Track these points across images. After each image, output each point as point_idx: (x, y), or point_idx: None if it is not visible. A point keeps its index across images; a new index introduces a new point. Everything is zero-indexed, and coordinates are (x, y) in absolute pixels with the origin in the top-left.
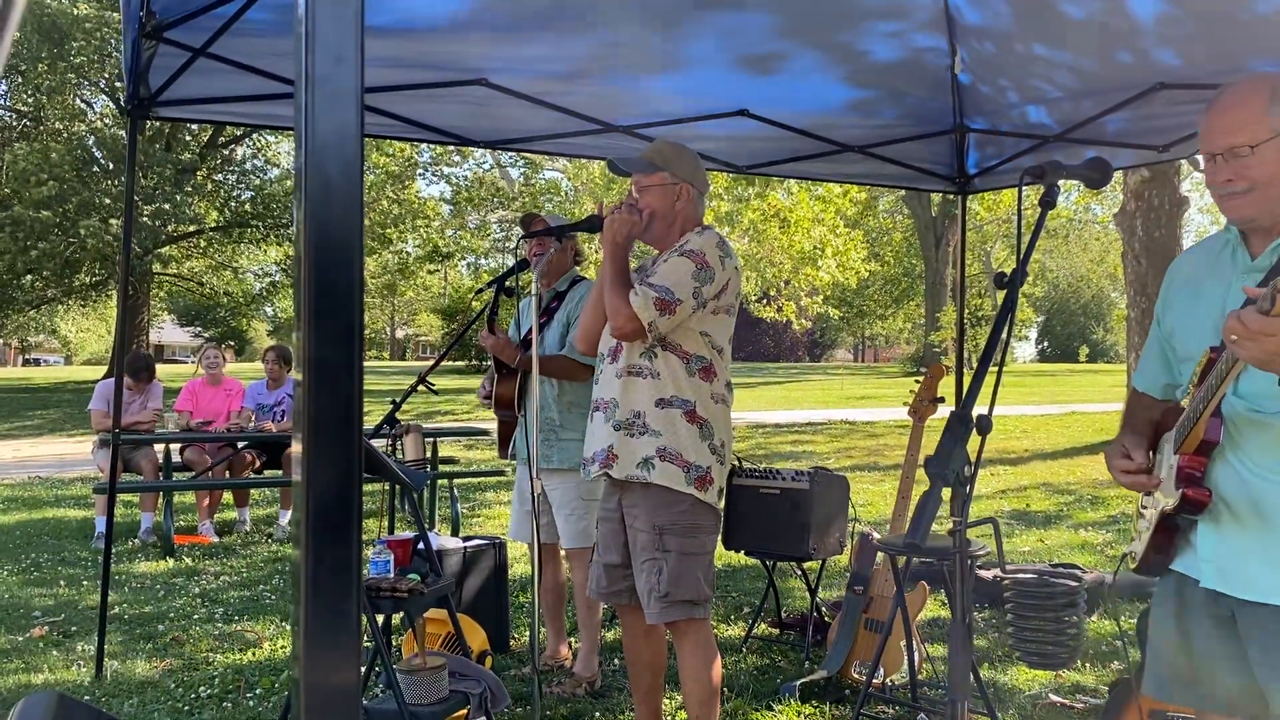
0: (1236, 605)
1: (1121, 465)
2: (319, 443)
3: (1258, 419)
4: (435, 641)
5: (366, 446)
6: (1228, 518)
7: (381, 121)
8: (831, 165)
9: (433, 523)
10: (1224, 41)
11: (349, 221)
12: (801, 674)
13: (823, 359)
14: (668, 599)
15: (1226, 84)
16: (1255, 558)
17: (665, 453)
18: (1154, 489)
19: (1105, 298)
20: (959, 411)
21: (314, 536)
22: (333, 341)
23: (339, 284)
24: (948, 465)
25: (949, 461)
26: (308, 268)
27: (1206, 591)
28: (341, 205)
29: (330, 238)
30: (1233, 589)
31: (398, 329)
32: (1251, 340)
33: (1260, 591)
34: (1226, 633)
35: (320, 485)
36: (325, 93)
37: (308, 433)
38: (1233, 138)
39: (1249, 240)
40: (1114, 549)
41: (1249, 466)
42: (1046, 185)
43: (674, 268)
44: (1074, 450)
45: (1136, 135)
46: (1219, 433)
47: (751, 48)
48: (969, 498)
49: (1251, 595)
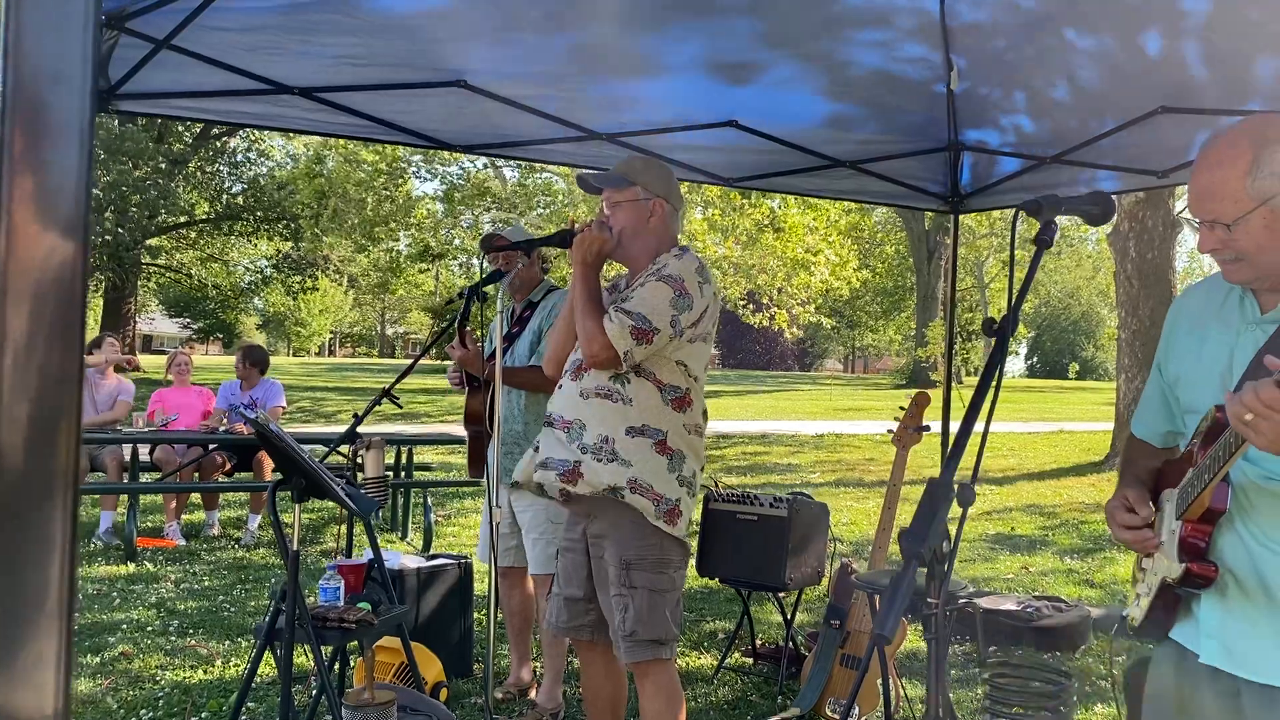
0: (1243, 684)
1: (1125, 520)
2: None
3: (1271, 487)
4: (387, 672)
5: (313, 470)
6: (1234, 591)
7: (355, 123)
8: (822, 180)
9: (405, 532)
10: (1227, 67)
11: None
12: (774, 710)
13: (812, 368)
14: (634, 638)
15: (1212, 136)
16: (1261, 636)
17: (636, 484)
18: (1154, 550)
19: (1096, 314)
20: (939, 479)
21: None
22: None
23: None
24: (924, 541)
25: (925, 537)
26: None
27: (1209, 666)
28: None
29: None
30: (1238, 669)
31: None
32: (1266, 419)
33: (1265, 673)
34: (1230, 709)
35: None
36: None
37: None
38: (1213, 209)
39: (1257, 291)
40: (1097, 574)
41: (1257, 538)
42: (1043, 221)
43: (652, 294)
44: (1061, 471)
45: (1135, 159)
46: (1226, 501)
47: (737, 56)
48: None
49: (1258, 677)
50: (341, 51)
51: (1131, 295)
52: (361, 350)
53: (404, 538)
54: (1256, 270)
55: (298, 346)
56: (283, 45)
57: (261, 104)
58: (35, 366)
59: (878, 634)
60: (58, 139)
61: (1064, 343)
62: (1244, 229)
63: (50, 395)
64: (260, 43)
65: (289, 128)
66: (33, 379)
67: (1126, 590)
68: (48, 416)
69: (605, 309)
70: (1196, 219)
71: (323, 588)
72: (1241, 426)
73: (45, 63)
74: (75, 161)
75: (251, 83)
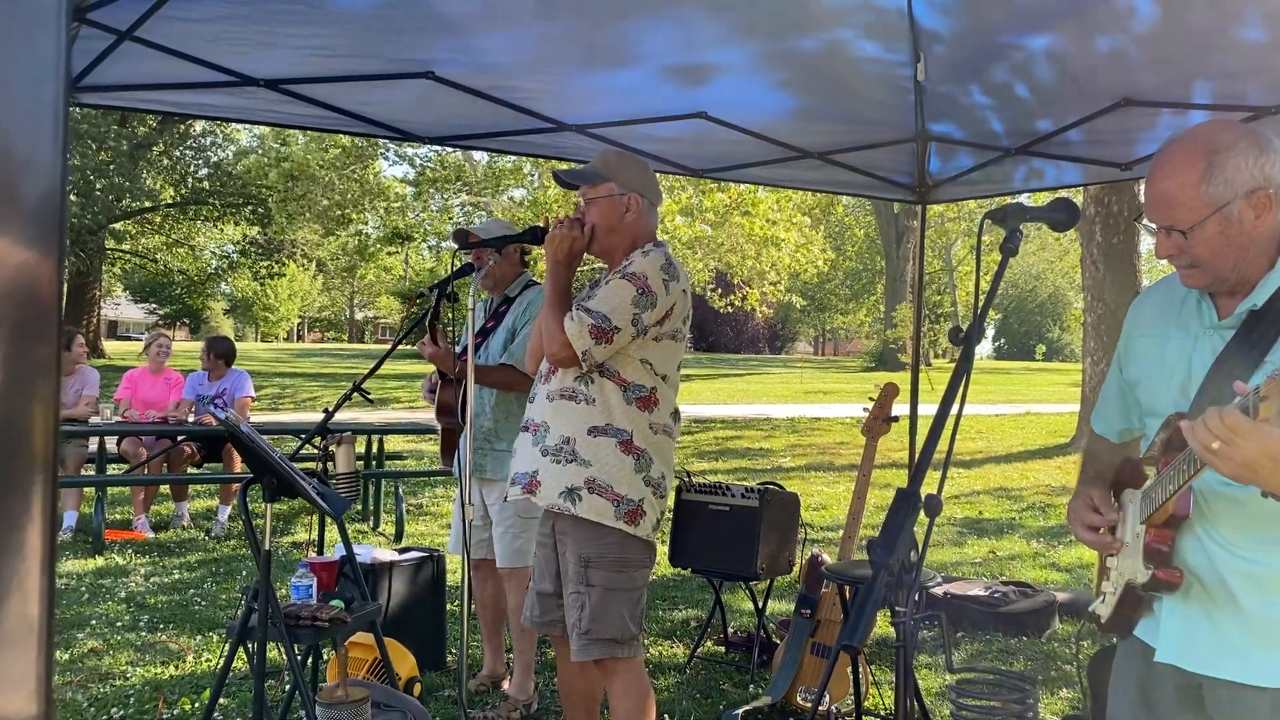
0: (1204, 679)
1: (1089, 521)
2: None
3: (1229, 493)
4: (361, 668)
5: (284, 469)
6: (1196, 592)
7: (322, 114)
8: (790, 171)
9: (377, 522)
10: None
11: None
12: (746, 698)
13: (783, 351)
14: (588, 636)
15: (1166, 144)
16: (1223, 634)
17: (594, 484)
18: (1117, 552)
19: (1062, 297)
20: (906, 490)
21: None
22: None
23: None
24: (892, 552)
25: (893, 548)
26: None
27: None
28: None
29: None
30: (1196, 666)
31: (357, 311)
32: (1226, 445)
33: (1224, 670)
34: (1194, 706)
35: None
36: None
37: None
38: (1169, 216)
39: (1214, 295)
40: (1063, 558)
41: (1218, 541)
42: (1008, 230)
43: (614, 292)
44: (1027, 453)
45: (1100, 152)
46: (1188, 507)
47: (705, 49)
48: (915, 585)
49: (1219, 673)
50: (307, 43)
51: (1097, 279)
52: (331, 335)
53: (375, 528)
54: (1213, 275)
55: (266, 332)
56: (247, 36)
57: (227, 96)
58: (10, 359)
59: (846, 644)
60: (30, 130)
61: (1031, 325)
62: (1199, 236)
63: (26, 388)
64: (224, 34)
65: (255, 120)
66: (11, 372)
67: (1091, 574)
68: (23, 409)
69: (571, 308)
70: (1154, 225)
71: (295, 585)
72: (1208, 456)
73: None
74: (49, 153)
75: (216, 75)
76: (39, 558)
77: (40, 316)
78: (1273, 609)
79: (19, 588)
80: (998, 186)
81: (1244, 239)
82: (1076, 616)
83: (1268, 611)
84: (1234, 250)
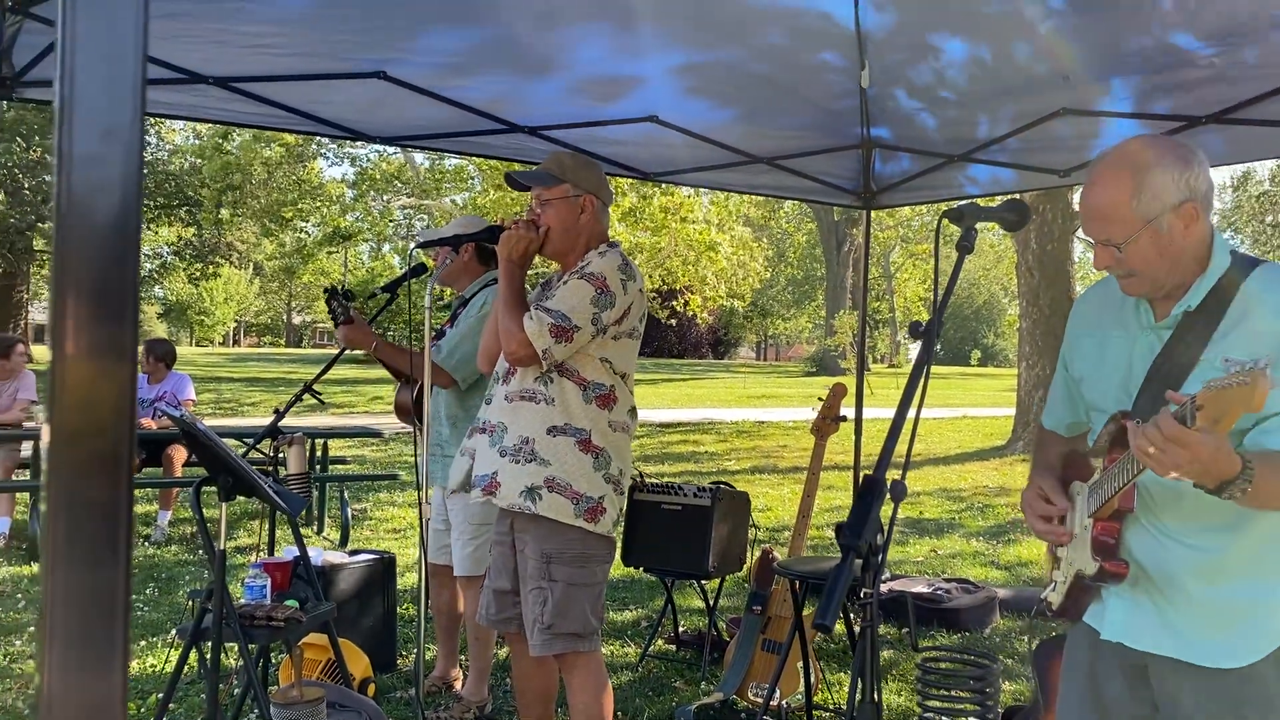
0: (1150, 658)
1: (1041, 511)
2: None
3: (1171, 487)
4: (315, 668)
5: (240, 467)
6: (1142, 581)
7: (273, 113)
8: (739, 175)
9: (321, 526)
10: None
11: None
12: (697, 695)
13: (726, 356)
14: (551, 630)
15: (1096, 162)
16: (1164, 616)
17: (554, 483)
18: (1066, 542)
19: (997, 304)
20: (871, 476)
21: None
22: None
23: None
24: (859, 536)
25: (861, 531)
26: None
27: (1117, 643)
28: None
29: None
30: (1140, 644)
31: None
32: (1163, 451)
33: (1167, 649)
34: (1139, 684)
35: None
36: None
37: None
38: (1102, 231)
39: (1152, 299)
40: (1003, 556)
41: (1161, 531)
42: (964, 228)
43: (573, 291)
44: (965, 456)
45: (1038, 158)
46: (1133, 500)
47: (654, 55)
48: (881, 568)
49: (1159, 650)
50: (259, 41)
51: (1032, 285)
52: (268, 340)
53: (320, 532)
54: (1150, 284)
55: (201, 336)
56: (198, 34)
57: (175, 93)
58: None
59: (819, 623)
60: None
61: (966, 331)
62: (1133, 249)
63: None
64: (174, 30)
65: (204, 118)
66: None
67: (1030, 572)
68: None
69: (529, 307)
70: (1091, 239)
71: (249, 585)
72: (1145, 458)
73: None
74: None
75: (165, 71)
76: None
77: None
78: (1215, 593)
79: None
80: (939, 192)
81: (1175, 249)
82: (1016, 612)
83: (1209, 596)
84: (1167, 260)
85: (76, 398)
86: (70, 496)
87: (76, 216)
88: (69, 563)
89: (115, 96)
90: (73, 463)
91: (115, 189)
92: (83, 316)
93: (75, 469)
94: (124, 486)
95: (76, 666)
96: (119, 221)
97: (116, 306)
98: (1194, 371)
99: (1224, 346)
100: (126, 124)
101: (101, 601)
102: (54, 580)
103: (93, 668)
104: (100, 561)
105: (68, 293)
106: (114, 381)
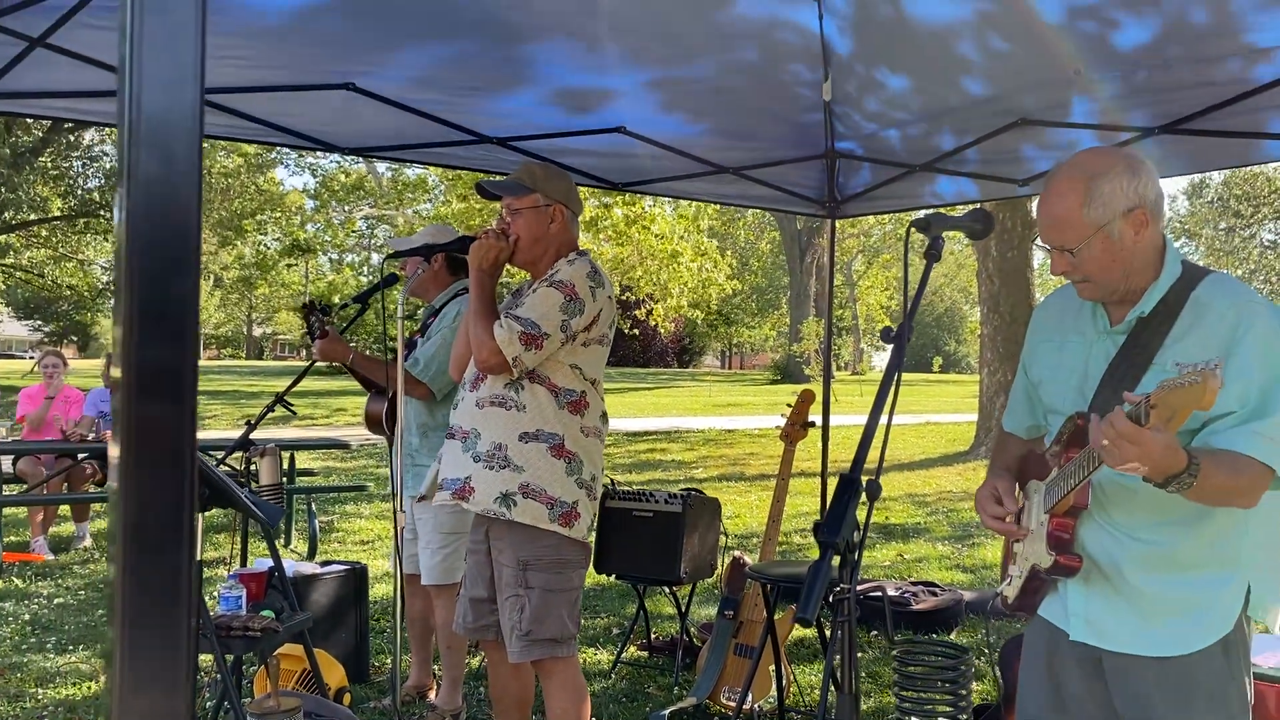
0: (1103, 653)
1: (993, 510)
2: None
3: (1124, 483)
4: (290, 678)
5: (217, 479)
6: (1095, 575)
7: (236, 123)
8: (706, 185)
9: (289, 539)
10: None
11: (186, 191)
12: (670, 700)
13: (691, 365)
14: (529, 637)
15: (1051, 172)
16: (1117, 612)
17: (528, 489)
18: (1021, 538)
19: (958, 311)
20: (848, 475)
21: (136, 555)
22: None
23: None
24: (838, 533)
25: (839, 529)
26: (134, 251)
27: (1074, 640)
28: (180, 170)
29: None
30: (1100, 642)
31: (255, 327)
32: (1116, 447)
33: (1122, 643)
34: (1094, 676)
35: (144, 503)
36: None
37: (128, 445)
38: (1057, 237)
39: (1106, 305)
40: (967, 559)
41: (1114, 527)
42: (931, 237)
43: (542, 299)
44: (930, 461)
45: (998, 168)
46: (1087, 498)
47: (623, 68)
48: (858, 564)
49: (1115, 646)
50: (226, 52)
51: (993, 293)
52: (228, 352)
53: (288, 544)
54: (1104, 288)
55: None
56: None
57: None
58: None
59: (800, 616)
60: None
61: (928, 338)
62: (1086, 254)
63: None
64: None
65: None
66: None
67: (995, 574)
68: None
69: (499, 315)
70: (1047, 245)
71: (224, 596)
72: (1102, 451)
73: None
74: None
75: None
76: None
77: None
78: (1161, 585)
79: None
80: (902, 201)
81: (1126, 254)
82: (981, 614)
83: (1155, 588)
84: (1119, 265)
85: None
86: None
87: (139, 239)
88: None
89: (176, 123)
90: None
91: (179, 211)
92: (147, 334)
93: (141, 489)
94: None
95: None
96: (179, 241)
97: (177, 325)
98: (1147, 374)
99: (1176, 351)
100: (185, 150)
101: (167, 619)
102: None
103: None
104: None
105: (134, 311)
106: (176, 405)
